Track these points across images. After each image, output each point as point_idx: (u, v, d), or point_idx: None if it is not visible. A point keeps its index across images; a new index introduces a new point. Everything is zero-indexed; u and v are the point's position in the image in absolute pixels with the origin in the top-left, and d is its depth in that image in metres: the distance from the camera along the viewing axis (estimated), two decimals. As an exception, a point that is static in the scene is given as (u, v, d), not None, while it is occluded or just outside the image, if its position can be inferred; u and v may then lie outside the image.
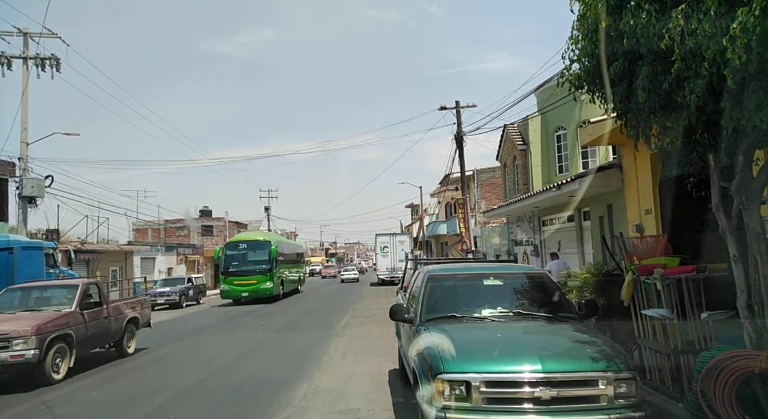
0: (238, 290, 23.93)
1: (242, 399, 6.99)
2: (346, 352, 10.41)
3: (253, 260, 24.42)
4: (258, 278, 24.01)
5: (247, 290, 23.86)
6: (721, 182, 4.99)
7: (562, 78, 5.57)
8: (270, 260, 24.45)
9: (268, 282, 24.08)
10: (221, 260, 24.98)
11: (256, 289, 23.85)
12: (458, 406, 4.03)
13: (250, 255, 24.61)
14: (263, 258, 24.43)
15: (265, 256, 24.52)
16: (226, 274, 24.48)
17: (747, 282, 4.79)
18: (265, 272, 24.20)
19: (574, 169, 18.03)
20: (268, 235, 29.17)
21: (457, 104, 22.59)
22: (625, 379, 4.09)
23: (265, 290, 23.99)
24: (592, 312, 5.75)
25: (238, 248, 25.06)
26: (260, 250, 24.74)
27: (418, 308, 5.64)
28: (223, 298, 24.97)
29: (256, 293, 23.89)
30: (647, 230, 8.93)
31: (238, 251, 24.85)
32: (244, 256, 24.61)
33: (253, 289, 23.85)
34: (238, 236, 27.41)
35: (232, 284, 24.06)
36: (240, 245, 25.30)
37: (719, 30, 3.49)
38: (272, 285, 24.18)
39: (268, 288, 24.04)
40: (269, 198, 52.29)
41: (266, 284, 24.02)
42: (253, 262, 24.32)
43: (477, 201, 31.04)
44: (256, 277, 23.98)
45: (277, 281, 24.99)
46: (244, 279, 23.95)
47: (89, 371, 9.31)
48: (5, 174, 18.88)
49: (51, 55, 18.43)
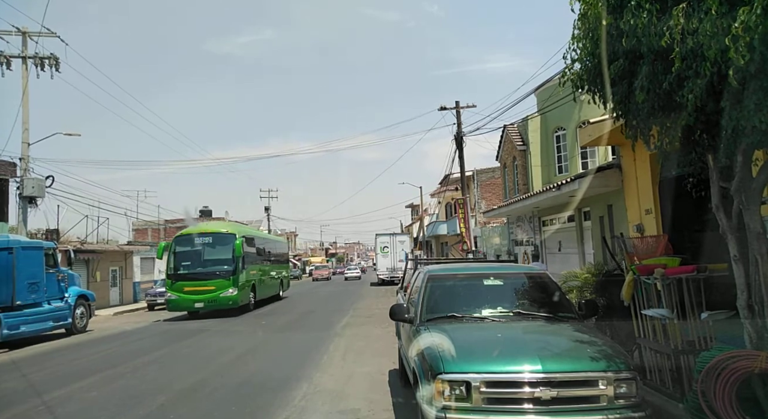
0: (190, 300, 18.30)
1: (242, 399, 6.99)
2: (346, 352, 10.41)
3: (211, 259, 18.98)
4: (217, 282, 18.46)
5: (203, 299, 18.27)
6: (721, 182, 4.98)
7: (563, 78, 5.56)
8: (234, 258, 18.80)
9: (231, 289, 18.52)
10: (168, 258, 19.14)
11: (214, 298, 18.34)
12: (458, 406, 4.03)
13: (208, 252, 19.04)
14: (225, 256, 18.86)
15: (228, 253, 18.84)
16: (174, 278, 18.73)
17: (747, 282, 4.79)
18: (226, 275, 18.58)
19: (574, 169, 18.04)
20: (232, 226, 22.32)
21: (457, 104, 22.61)
22: (626, 379, 4.09)
23: (226, 300, 18.44)
24: (592, 312, 5.76)
25: (191, 243, 19.15)
26: (221, 246, 19.07)
27: (418, 308, 5.64)
28: (170, 310, 19.21)
29: (214, 304, 18.42)
30: (647, 230, 8.93)
31: (192, 247, 19.07)
32: (199, 254, 18.99)
33: (210, 298, 18.32)
34: (192, 228, 21.00)
35: (182, 291, 18.40)
36: (194, 239, 19.21)
37: (721, 29, 3.49)
38: (236, 293, 18.59)
39: (231, 297, 18.49)
40: (269, 198, 52.36)
41: (228, 292, 18.46)
42: (212, 262, 18.90)
43: (477, 201, 31.04)
44: (214, 282, 18.45)
45: (244, 286, 19.52)
46: (199, 285, 18.40)
47: (89, 371, 9.30)
48: (6, 174, 18.90)
49: (50, 54, 18.46)
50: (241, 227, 24.23)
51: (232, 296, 18.50)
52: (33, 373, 8.83)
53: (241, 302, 19.01)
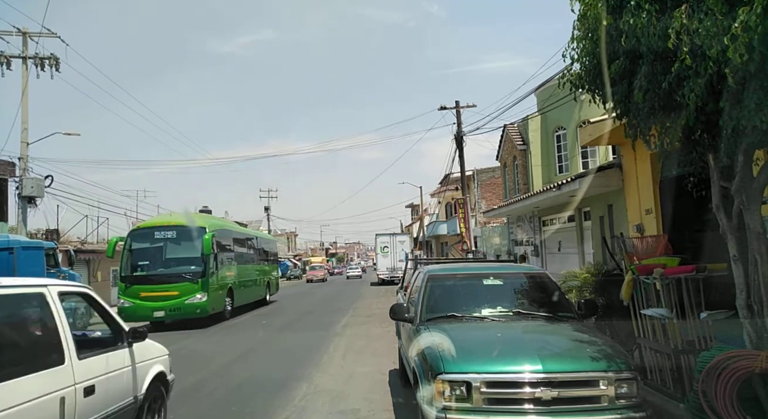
0: (147, 308, 14.88)
1: (242, 399, 6.99)
2: (346, 352, 10.41)
3: (175, 257, 15.70)
4: (182, 286, 15.14)
5: (164, 306, 14.95)
6: (722, 182, 4.98)
7: (563, 78, 5.57)
8: (204, 257, 15.46)
9: (199, 294, 15.14)
10: (122, 257, 15.69)
11: (178, 305, 14.99)
12: (459, 407, 4.03)
13: (171, 250, 15.75)
14: (192, 255, 15.50)
15: (195, 251, 15.47)
16: (128, 281, 15.33)
17: (746, 282, 4.79)
18: (194, 278, 15.28)
19: (574, 169, 18.04)
20: (203, 218, 18.16)
21: (457, 104, 22.61)
22: (626, 379, 4.09)
23: (193, 308, 15.04)
24: (591, 312, 5.76)
25: (150, 238, 15.87)
26: (188, 241, 15.68)
27: (418, 307, 5.64)
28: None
29: (178, 312, 15.10)
30: (647, 230, 8.93)
31: (152, 243, 15.81)
32: (161, 251, 15.71)
33: (173, 305, 14.98)
34: (152, 220, 18.21)
35: (138, 297, 15.01)
36: (154, 233, 15.86)
37: (721, 29, 3.49)
38: (206, 299, 15.22)
39: (199, 304, 15.11)
40: (269, 198, 52.43)
41: (196, 297, 15.10)
42: (176, 261, 15.66)
43: (477, 201, 31.05)
44: (178, 285, 15.15)
45: (217, 291, 16.22)
46: (159, 289, 15.07)
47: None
48: (5, 174, 18.90)
49: (50, 54, 18.45)
50: (213, 219, 19.69)
51: (200, 302, 15.12)
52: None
53: (212, 309, 15.70)
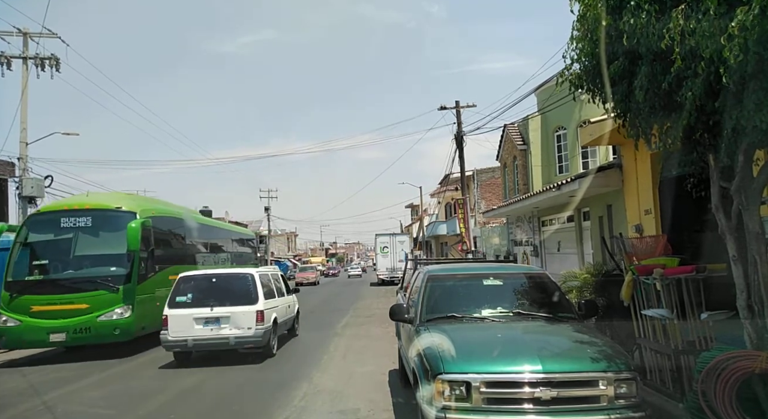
0: (41, 329, 10.22)
1: (242, 399, 6.99)
2: (347, 352, 10.41)
3: (87, 255, 11.04)
4: (95, 297, 10.50)
5: (65, 326, 10.27)
6: (721, 182, 4.99)
7: (562, 78, 5.57)
8: (130, 254, 10.85)
9: (121, 308, 10.54)
10: (9, 254, 11.03)
11: (86, 324, 10.31)
12: (458, 406, 4.04)
13: (83, 244, 11.02)
14: (113, 251, 10.96)
15: (118, 246, 10.83)
16: (15, 289, 10.63)
17: (746, 282, 4.79)
18: (113, 284, 10.64)
19: (574, 169, 18.04)
20: (131, 199, 13.36)
21: (457, 104, 22.59)
22: (626, 379, 4.10)
23: (109, 328, 10.43)
24: (592, 312, 5.77)
25: (54, 227, 11.22)
26: (107, 232, 11.17)
27: (418, 308, 5.65)
28: (8, 347, 11.08)
29: (87, 335, 10.39)
30: (647, 231, 8.93)
31: (55, 234, 11.25)
32: (68, 246, 11.06)
33: (79, 324, 10.30)
34: (57, 202, 13.08)
35: (28, 312, 10.36)
36: (60, 220, 11.16)
37: (718, 29, 3.49)
38: (130, 315, 10.60)
39: (119, 322, 10.50)
40: (269, 198, 52.33)
41: (114, 313, 10.49)
42: (89, 260, 11.01)
43: (477, 201, 31.05)
44: (90, 296, 10.49)
45: (151, 304, 11.22)
46: (60, 301, 10.40)
47: (89, 371, 9.29)
48: (5, 174, 18.89)
49: (51, 55, 18.43)
50: (149, 202, 14.27)
51: (121, 320, 10.46)
52: (33, 373, 8.84)
53: (140, 329, 10.99)
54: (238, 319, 9.39)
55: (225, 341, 9.32)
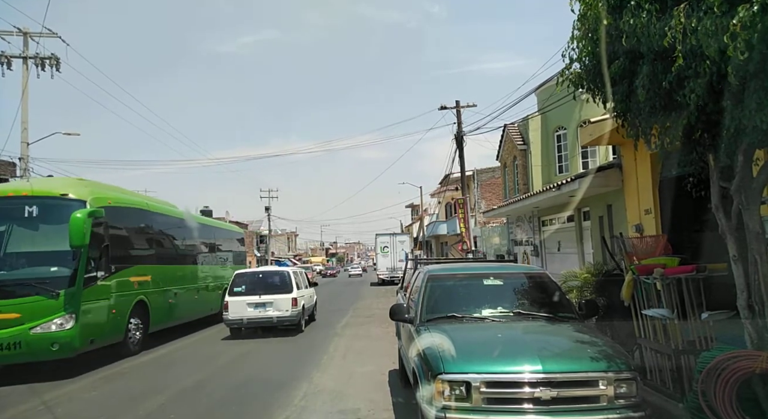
0: None
1: (242, 399, 6.99)
2: (347, 352, 10.40)
3: (20, 252, 9.09)
4: (29, 304, 8.62)
5: None
6: (721, 182, 4.98)
7: (562, 77, 5.56)
8: (76, 250, 8.90)
9: (61, 317, 8.67)
10: None
11: (15, 338, 8.43)
12: (458, 406, 4.03)
13: (16, 239, 9.07)
14: (54, 247, 9.04)
15: (60, 240, 8.80)
16: None
17: (747, 282, 4.79)
18: (51, 288, 8.72)
19: (574, 169, 18.03)
20: (80, 185, 10.27)
21: (458, 104, 22.59)
22: (626, 379, 4.09)
23: (46, 342, 8.58)
24: (592, 312, 5.76)
25: None
26: (48, 224, 9.30)
27: (418, 308, 5.64)
28: None
29: (17, 352, 8.51)
30: (647, 230, 8.93)
31: None
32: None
33: (5, 338, 8.40)
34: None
35: None
36: None
37: (720, 28, 3.49)
38: (73, 326, 8.75)
39: (59, 335, 8.66)
40: (269, 198, 52.35)
41: (53, 323, 8.64)
42: (24, 258, 9.10)
43: (477, 201, 31.04)
44: (22, 303, 8.60)
45: (104, 311, 9.79)
46: None
47: (89, 371, 9.28)
48: (6, 174, 18.88)
49: (51, 54, 18.44)
50: (108, 189, 11.48)
51: (61, 333, 8.68)
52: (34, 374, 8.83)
53: (88, 343, 9.30)
54: (279, 303, 12.76)
55: (270, 319, 12.67)
